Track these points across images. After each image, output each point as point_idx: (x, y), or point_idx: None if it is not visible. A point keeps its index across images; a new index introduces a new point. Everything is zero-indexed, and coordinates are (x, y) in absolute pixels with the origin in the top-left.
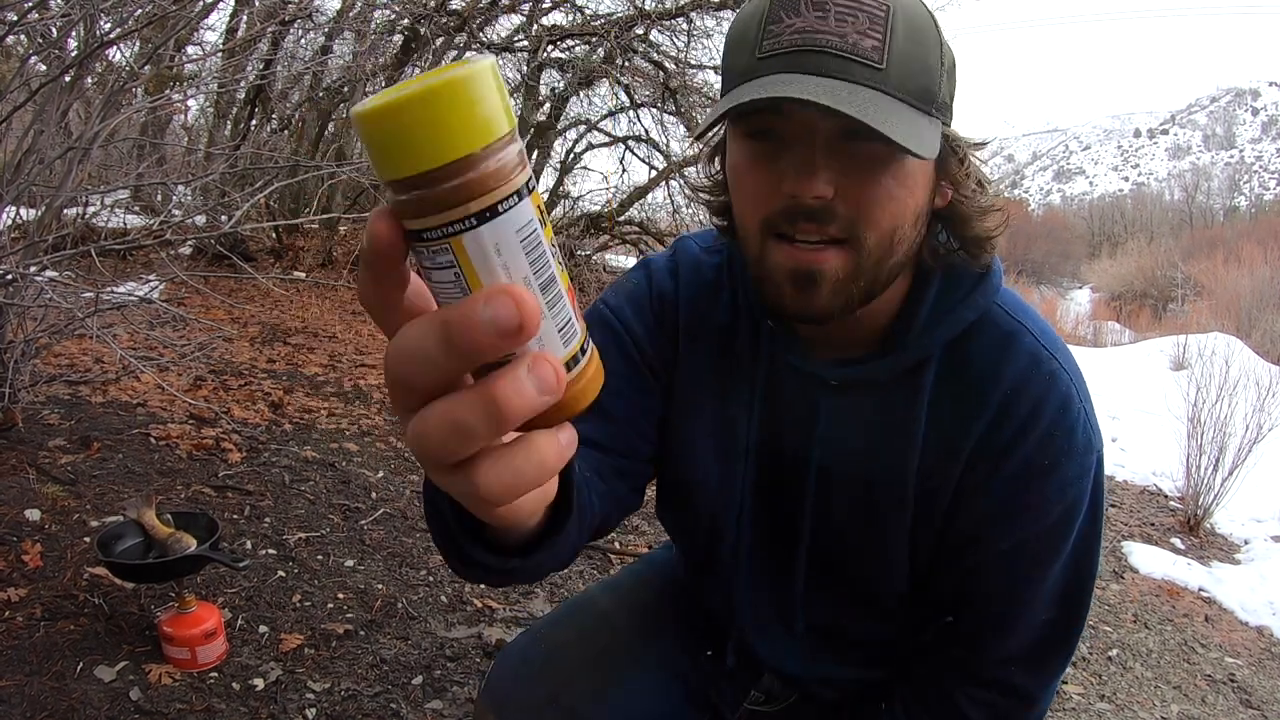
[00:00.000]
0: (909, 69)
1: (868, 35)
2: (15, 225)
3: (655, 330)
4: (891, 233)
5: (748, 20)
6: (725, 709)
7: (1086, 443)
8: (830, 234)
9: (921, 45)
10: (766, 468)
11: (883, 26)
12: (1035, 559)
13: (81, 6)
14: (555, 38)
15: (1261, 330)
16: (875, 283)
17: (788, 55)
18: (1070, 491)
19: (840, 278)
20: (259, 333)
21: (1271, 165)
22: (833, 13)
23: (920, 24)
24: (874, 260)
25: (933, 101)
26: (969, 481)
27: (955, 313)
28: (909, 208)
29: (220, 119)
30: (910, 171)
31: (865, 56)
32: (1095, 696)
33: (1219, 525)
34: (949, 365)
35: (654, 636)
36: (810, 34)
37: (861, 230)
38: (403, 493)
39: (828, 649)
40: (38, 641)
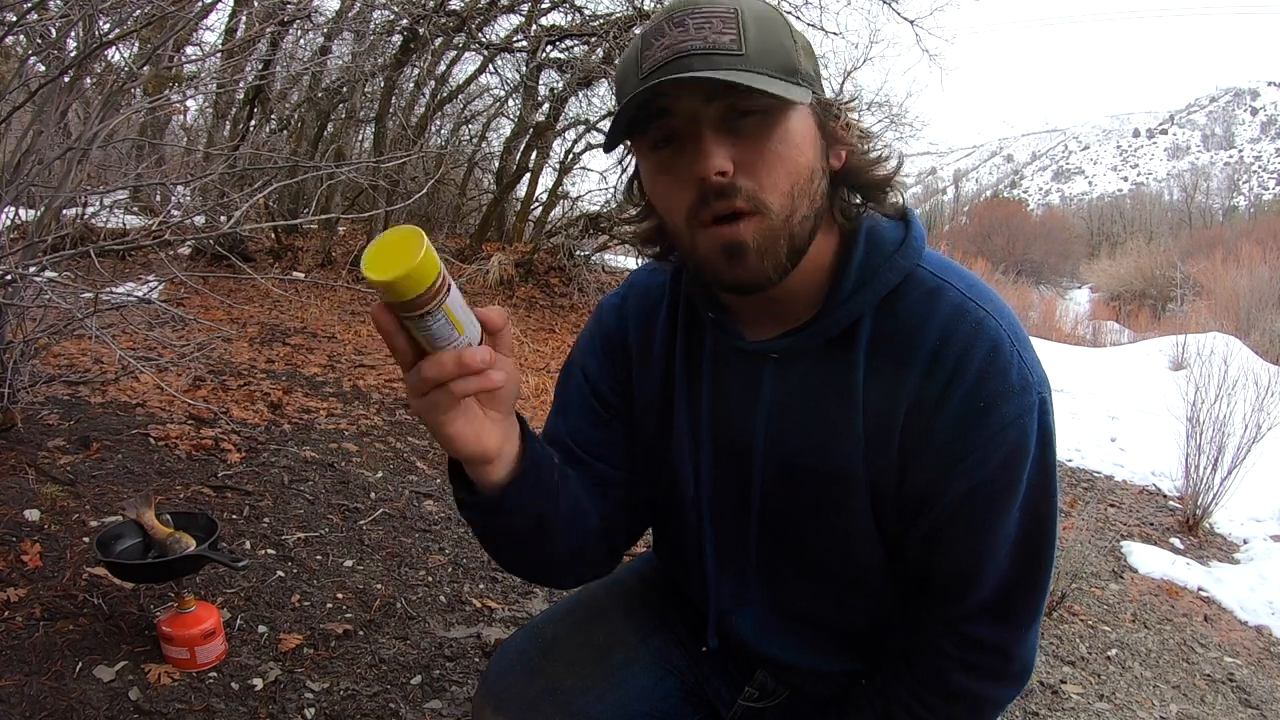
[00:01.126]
0: (766, 50)
1: (723, 33)
2: (14, 225)
3: (608, 367)
4: (790, 190)
5: (628, 57)
6: (720, 705)
7: (1023, 383)
8: (738, 207)
9: (773, 33)
10: (722, 449)
11: (735, 24)
12: (988, 504)
13: (80, 7)
14: (554, 38)
15: (1260, 330)
16: (793, 240)
17: (663, 66)
18: (1011, 432)
19: (761, 242)
20: (258, 333)
21: (1271, 165)
22: (690, 25)
23: (767, 17)
24: (783, 219)
25: (795, 73)
26: (911, 436)
27: (879, 275)
28: (801, 165)
29: (219, 119)
30: (793, 131)
31: (725, 48)
32: (1094, 696)
33: (1218, 525)
34: (879, 326)
35: (650, 633)
36: (676, 45)
37: (765, 195)
38: (402, 493)
39: (813, 635)
40: (37, 641)
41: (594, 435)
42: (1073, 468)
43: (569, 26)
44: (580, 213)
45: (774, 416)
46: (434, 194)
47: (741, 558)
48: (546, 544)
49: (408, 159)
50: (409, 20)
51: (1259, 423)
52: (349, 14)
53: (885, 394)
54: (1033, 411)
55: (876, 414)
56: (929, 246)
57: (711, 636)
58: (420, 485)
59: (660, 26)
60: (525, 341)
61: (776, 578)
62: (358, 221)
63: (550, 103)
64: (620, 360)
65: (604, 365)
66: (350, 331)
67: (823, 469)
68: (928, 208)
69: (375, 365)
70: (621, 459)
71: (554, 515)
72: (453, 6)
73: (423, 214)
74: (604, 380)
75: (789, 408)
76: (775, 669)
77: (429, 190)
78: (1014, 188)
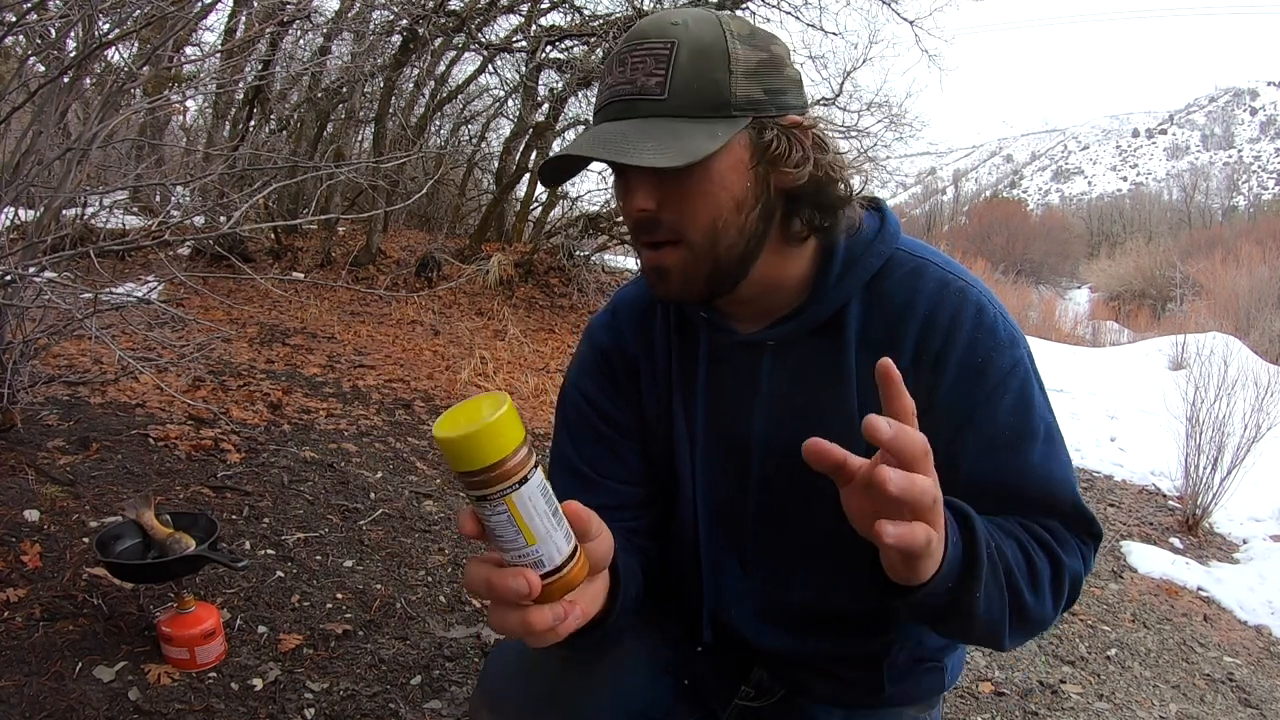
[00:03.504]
0: (691, 89)
1: (653, 74)
2: (14, 226)
3: (609, 387)
4: (711, 224)
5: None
6: (716, 704)
7: (1010, 338)
8: (660, 238)
9: (706, 65)
10: (718, 444)
11: (666, 62)
12: (1011, 448)
13: (80, 7)
14: (554, 38)
15: (1260, 329)
16: (718, 265)
17: (604, 108)
18: (1012, 381)
19: (683, 268)
20: (258, 333)
21: (1270, 165)
22: (629, 64)
23: (705, 46)
24: (705, 249)
25: (726, 107)
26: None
27: (862, 261)
28: (723, 199)
29: (219, 120)
30: (714, 171)
31: (650, 93)
32: (1094, 696)
33: (1218, 525)
34: (868, 305)
35: (647, 633)
36: (615, 87)
37: (685, 229)
38: (401, 493)
39: (810, 625)
40: (37, 642)
41: (602, 457)
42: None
43: (568, 27)
44: (580, 213)
45: (772, 406)
46: (433, 194)
47: (740, 550)
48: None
49: (407, 159)
50: (408, 20)
51: (1258, 423)
52: (349, 14)
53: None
54: (1024, 361)
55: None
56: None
57: (705, 629)
58: (420, 485)
59: (611, 61)
60: (525, 341)
61: (775, 568)
62: (357, 222)
63: (550, 103)
64: (623, 376)
65: (603, 385)
66: (350, 332)
67: None
68: (927, 208)
69: (375, 366)
70: (635, 474)
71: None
72: (452, 7)
73: (422, 214)
74: (604, 400)
75: (786, 395)
76: (772, 663)
77: (429, 190)
78: (1013, 188)
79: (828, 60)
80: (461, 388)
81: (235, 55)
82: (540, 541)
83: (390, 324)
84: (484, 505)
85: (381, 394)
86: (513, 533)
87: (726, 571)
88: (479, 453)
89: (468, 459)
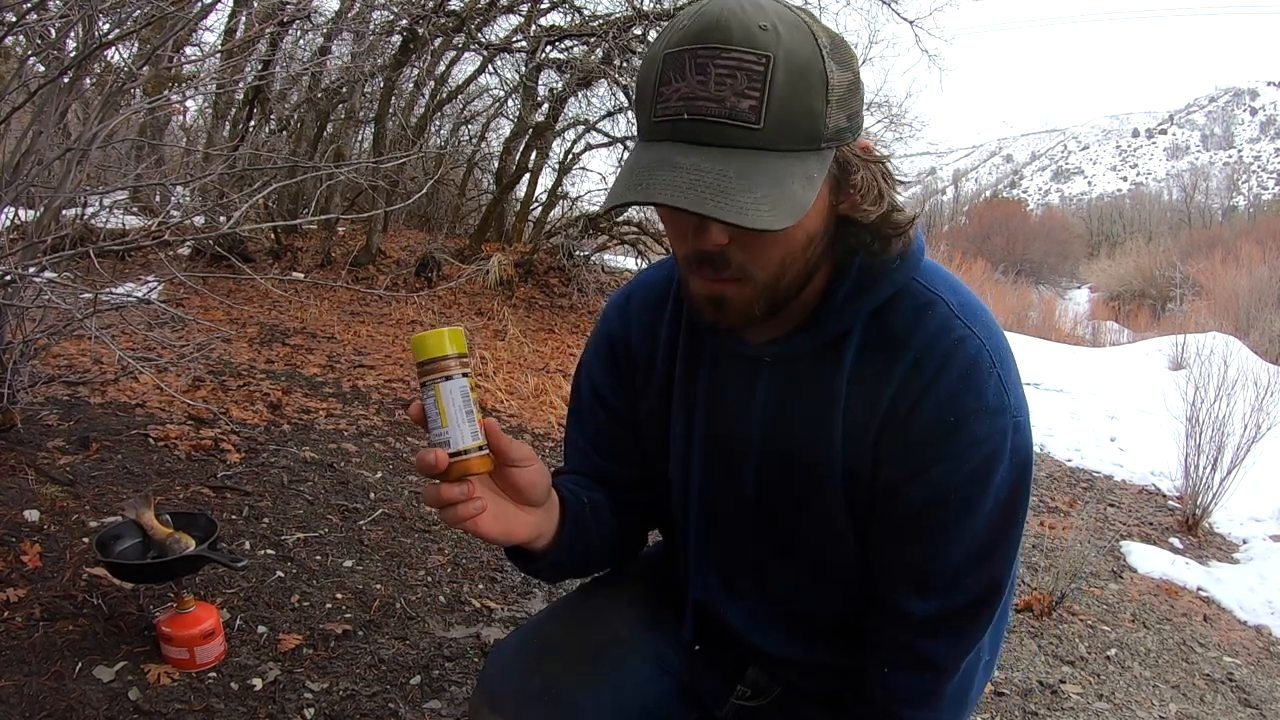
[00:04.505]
0: (789, 119)
1: (745, 95)
2: (14, 226)
3: (613, 373)
4: (780, 264)
5: (646, 75)
6: (713, 704)
7: (999, 404)
8: (725, 276)
9: (805, 92)
10: (715, 446)
11: (761, 82)
12: (947, 516)
13: (80, 7)
14: (553, 38)
15: (1260, 329)
16: (775, 300)
17: (673, 123)
18: (981, 449)
19: (743, 302)
20: (258, 333)
21: (1270, 165)
22: (713, 76)
23: (802, 67)
24: (768, 287)
25: (818, 139)
26: (886, 439)
27: (875, 287)
28: (797, 240)
29: (219, 120)
30: None
31: (743, 119)
32: (1094, 696)
33: (1217, 525)
34: (868, 336)
35: (645, 632)
36: (692, 100)
37: (752, 271)
38: (401, 493)
39: (800, 627)
40: (37, 642)
41: (604, 440)
42: (1072, 467)
43: (568, 27)
44: (580, 213)
45: (767, 414)
46: (433, 194)
47: (734, 552)
48: (583, 569)
49: (407, 159)
50: (408, 21)
51: (1258, 423)
52: (348, 14)
53: (867, 394)
54: (1007, 434)
55: (858, 411)
56: (928, 253)
57: (688, 628)
58: (420, 485)
59: (682, 60)
60: (525, 342)
61: (766, 570)
62: (357, 222)
63: (550, 103)
64: (625, 365)
65: (608, 371)
66: (350, 332)
67: (806, 460)
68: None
69: (374, 365)
70: (636, 457)
71: (591, 553)
72: (452, 7)
73: (422, 214)
74: (608, 386)
75: (781, 406)
76: (766, 663)
77: (428, 190)
78: (1013, 188)
79: None
80: None
81: (235, 55)
82: (451, 426)
83: (390, 324)
84: (423, 391)
85: (381, 394)
86: (434, 414)
87: (722, 574)
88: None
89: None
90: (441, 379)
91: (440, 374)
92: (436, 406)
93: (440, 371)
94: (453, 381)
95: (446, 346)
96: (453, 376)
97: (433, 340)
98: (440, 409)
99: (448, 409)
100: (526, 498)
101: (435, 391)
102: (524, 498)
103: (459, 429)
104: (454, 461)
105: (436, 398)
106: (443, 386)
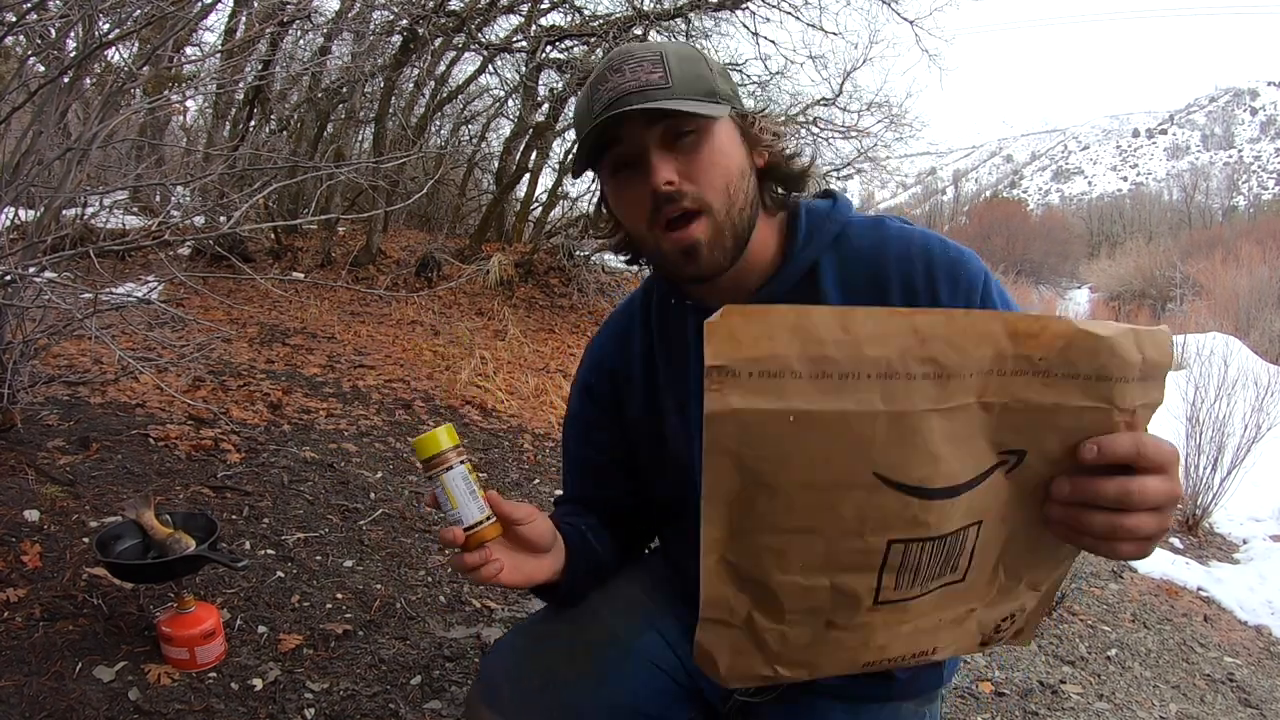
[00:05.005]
0: (688, 81)
1: (652, 72)
2: (14, 226)
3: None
4: (726, 188)
5: (581, 102)
6: (715, 701)
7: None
8: (686, 208)
9: (693, 66)
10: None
11: (661, 64)
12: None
13: (80, 7)
14: (554, 38)
15: (1260, 329)
16: (736, 229)
17: (608, 104)
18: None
19: (710, 238)
20: (258, 333)
21: (1270, 165)
22: (626, 71)
23: (686, 54)
24: (725, 214)
25: (715, 96)
26: None
27: (823, 226)
28: (731, 167)
29: (219, 120)
30: (720, 140)
31: (656, 85)
32: (1094, 696)
33: (1218, 525)
34: (839, 260)
35: (643, 629)
36: (617, 88)
37: (706, 196)
38: (401, 493)
39: None
40: (37, 642)
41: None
42: None
43: (569, 27)
44: (580, 213)
45: None
46: (434, 194)
47: None
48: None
49: (407, 159)
50: (408, 21)
51: (1259, 423)
52: (349, 14)
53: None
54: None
55: None
56: None
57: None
58: (420, 485)
59: (603, 75)
60: (525, 342)
61: None
62: (357, 222)
63: (550, 103)
64: (606, 394)
65: (590, 417)
66: (350, 332)
67: None
68: (927, 208)
69: (375, 366)
70: (629, 486)
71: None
72: (452, 7)
73: (422, 214)
74: (594, 428)
75: None
76: None
77: (428, 190)
78: (1013, 188)
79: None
80: (461, 387)
81: (235, 55)
82: (460, 506)
83: (390, 324)
84: (432, 482)
85: (381, 394)
86: (445, 500)
87: None
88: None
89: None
90: (444, 470)
91: (442, 466)
92: (445, 493)
93: (442, 464)
94: (454, 470)
95: (443, 443)
96: (453, 466)
97: (430, 441)
98: (449, 495)
99: (455, 494)
100: (536, 547)
101: (441, 482)
102: (534, 547)
103: (467, 508)
104: (469, 534)
105: (444, 487)
106: (446, 477)
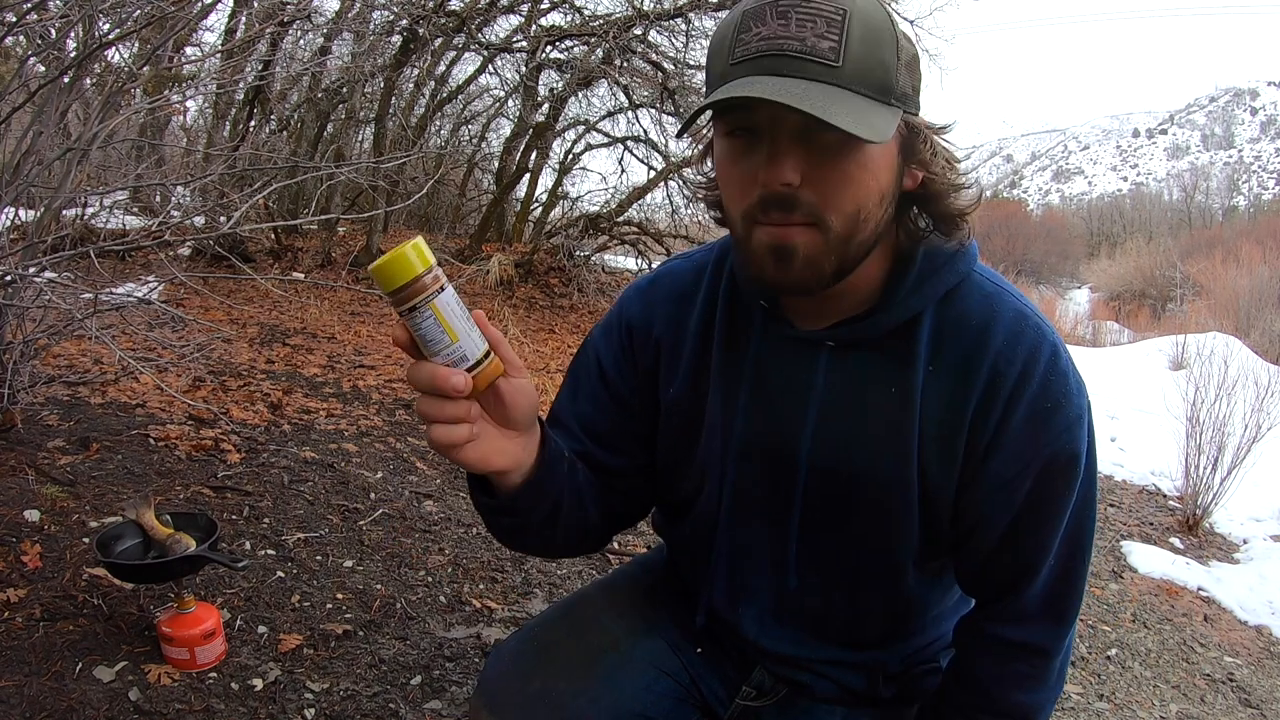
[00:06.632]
0: (864, 65)
1: (825, 37)
2: (14, 226)
3: (623, 358)
4: (855, 213)
5: (723, 31)
6: (717, 706)
7: (1079, 386)
8: (796, 220)
9: (877, 44)
10: (755, 448)
11: (839, 29)
12: (1055, 499)
13: (80, 7)
14: (554, 38)
15: (1260, 330)
16: (844, 258)
17: (755, 60)
18: (1075, 431)
19: (811, 253)
20: (258, 333)
21: (1270, 165)
22: (794, 19)
23: (876, 25)
24: (840, 238)
25: (890, 93)
26: (980, 440)
27: (938, 275)
28: (872, 190)
29: (219, 120)
30: (870, 157)
31: (823, 56)
32: (1094, 696)
33: (1218, 525)
34: (940, 323)
35: (645, 635)
36: (773, 39)
37: (826, 214)
38: (402, 493)
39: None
40: (37, 642)
41: (599, 422)
42: None
43: (569, 27)
44: (580, 213)
45: (824, 411)
46: (434, 194)
47: (760, 559)
48: (548, 534)
49: (407, 159)
50: (409, 21)
51: (1259, 423)
52: (349, 14)
53: (946, 397)
54: (1086, 414)
55: (937, 418)
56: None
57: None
58: (420, 485)
59: (763, 10)
60: (525, 342)
61: (793, 576)
62: (357, 222)
63: (550, 103)
64: (642, 352)
65: (619, 355)
66: (350, 332)
67: (872, 472)
68: None
69: (375, 366)
70: (626, 447)
71: (560, 513)
72: (452, 7)
73: (422, 214)
74: (615, 370)
75: (840, 403)
76: (774, 663)
77: (428, 191)
78: (1014, 188)
79: None
80: None
81: (235, 55)
82: (461, 339)
83: (390, 324)
84: (414, 315)
85: (381, 394)
86: (439, 333)
87: (748, 570)
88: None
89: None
90: (435, 293)
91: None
92: (439, 324)
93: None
94: (445, 293)
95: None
96: (444, 288)
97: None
98: (445, 325)
99: (451, 322)
100: (511, 415)
101: (432, 310)
102: (508, 415)
103: (468, 338)
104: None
105: (436, 316)
106: (438, 302)
